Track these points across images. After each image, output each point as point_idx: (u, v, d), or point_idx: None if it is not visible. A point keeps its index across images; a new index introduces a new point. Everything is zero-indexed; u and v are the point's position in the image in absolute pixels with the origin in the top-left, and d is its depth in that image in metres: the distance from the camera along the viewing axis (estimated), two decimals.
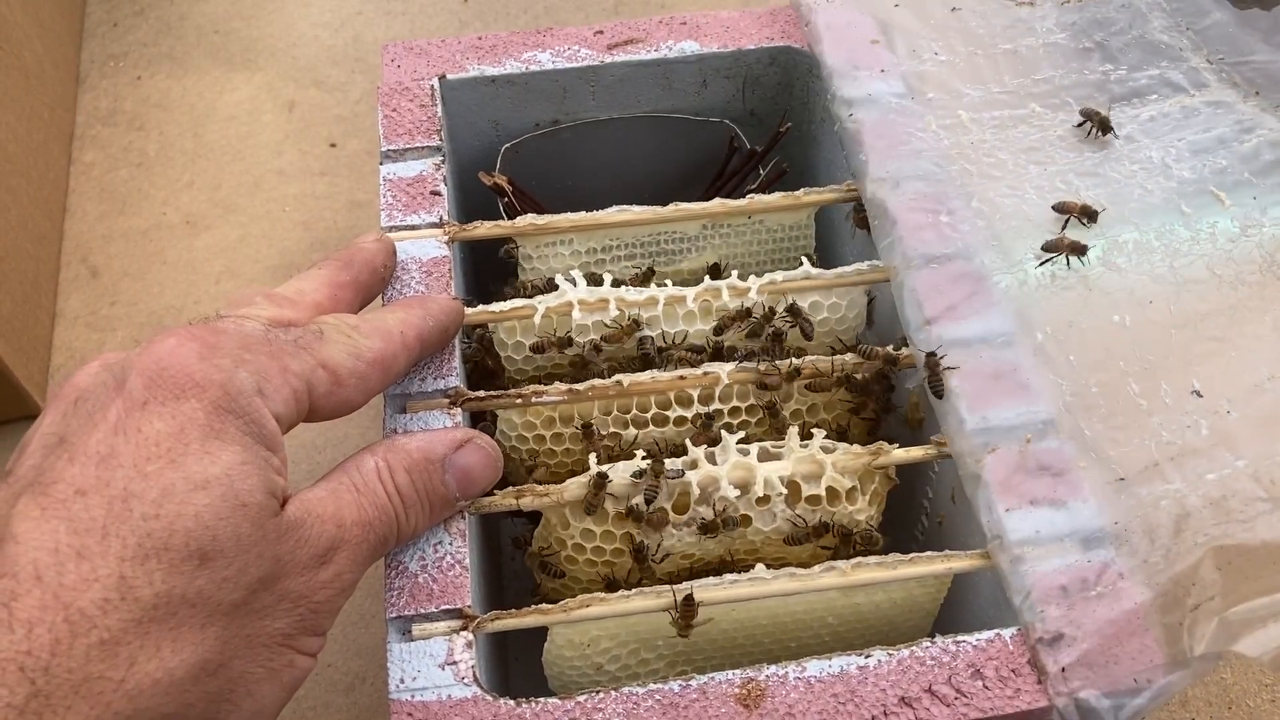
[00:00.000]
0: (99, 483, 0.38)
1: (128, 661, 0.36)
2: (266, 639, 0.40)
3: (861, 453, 0.52)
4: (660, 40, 0.69)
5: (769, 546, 0.53)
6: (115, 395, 0.40)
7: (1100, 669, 0.44)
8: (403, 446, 0.47)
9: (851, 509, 0.52)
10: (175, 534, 0.37)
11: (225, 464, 0.39)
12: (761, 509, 0.52)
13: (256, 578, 0.40)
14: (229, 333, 0.43)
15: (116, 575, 0.36)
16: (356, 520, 0.43)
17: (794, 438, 0.53)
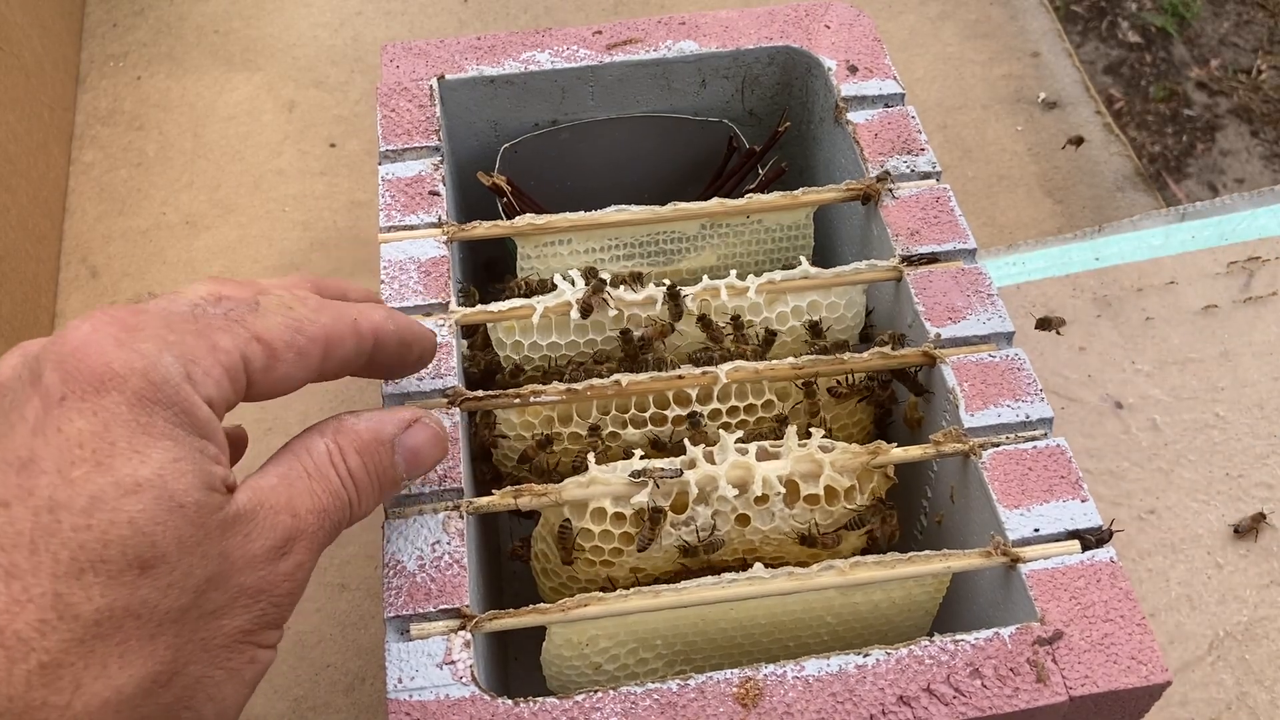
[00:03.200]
0: (21, 492, 0.35)
1: (72, 685, 0.34)
2: (224, 639, 0.38)
3: (860, 452, 0.52)
4: (659, 40, 0.69)
5: (767, 546, 0.53)
6: (32, 392, 0.37)
7: (1099, 667, 0.44)
8: (352, 427, 0.44)
9: (850, 508, 0.52)
10: (110, 544, 0.35)
11: (156, 463, 0.36)
12: (760, 508, 0.52)
13: (204, 578, 0.37)
14: (150, 312, 0.39)
15: (51, 593, 0.34)
16: (311, 508, 0.41)
17: (792, 437, 0.53)
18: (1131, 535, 0.73)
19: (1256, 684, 0.67)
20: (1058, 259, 0.90)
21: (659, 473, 0.51)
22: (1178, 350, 0.83)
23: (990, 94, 0.99)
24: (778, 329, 0.59)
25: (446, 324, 0.56)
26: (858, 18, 0.70)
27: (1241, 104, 2.03)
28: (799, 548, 0.53)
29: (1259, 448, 0.78)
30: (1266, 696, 0.67)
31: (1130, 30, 2.20)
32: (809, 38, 0.69)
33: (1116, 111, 2.05)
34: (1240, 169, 1.14)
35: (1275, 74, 2.10)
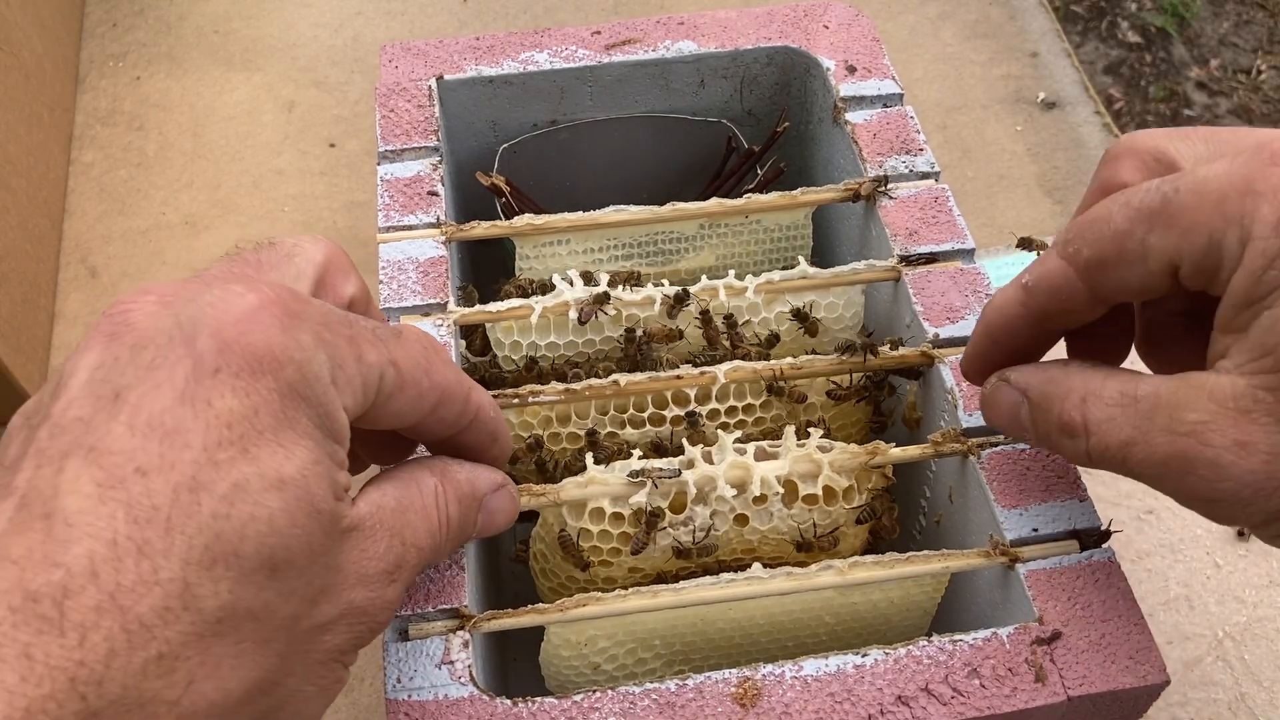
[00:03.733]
0: (163, 464, 0.32)
1: (185, 681, 0.32)
2: (323, 654, 0.37)
3: (858, 452, 0.52)
4: (658, 40, 0.69)
5: (765, 545, 0.53)
6: (184, 353, 0.34)
7: (1097, 668, 0.44)
8: (454, 475, 0.43)
9: (848, 508, 0.52)
10: (246, 539, 0.33)
11: (300, 462, 0.34)
12: (758, 508, 0.52)
13: (320, 589, 0.36)
14: (312, 304, 0.37)
15: (180, 580, 0.31)
16: (415, 542, 0.40)
17: (790, 437, 0.53)
18: (1130, 535, 0.73)
19: (1256, 684, 0.67)
20: None
21: (657, 473, 0.51)
22: None
23: (990, 94, 0.99)
24: (778, 330, 0.59)
25: (445, 324, 0.56)
26: (856, 18, 0.70)
27: (1241, 104, 2.04)
28: (795, 547, 0.53)
29: None
30: (1265, 696, 0.67)
31: (1130, 30, 2.20)
32: (808, 38, 0.69)
33: (1116, 112, 2.05)
34: None
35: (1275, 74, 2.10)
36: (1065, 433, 0.43)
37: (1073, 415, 0.42)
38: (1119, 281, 0.42)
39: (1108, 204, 0.41)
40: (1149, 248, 0.40)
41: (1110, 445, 0.41)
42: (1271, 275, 0.36)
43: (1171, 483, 0.39)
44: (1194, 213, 0.38)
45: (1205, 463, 0.37)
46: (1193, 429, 0.38)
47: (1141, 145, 0.43)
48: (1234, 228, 0.37)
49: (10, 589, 0.30)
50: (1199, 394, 0.38)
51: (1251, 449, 0.37)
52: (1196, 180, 0.38)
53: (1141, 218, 0.40)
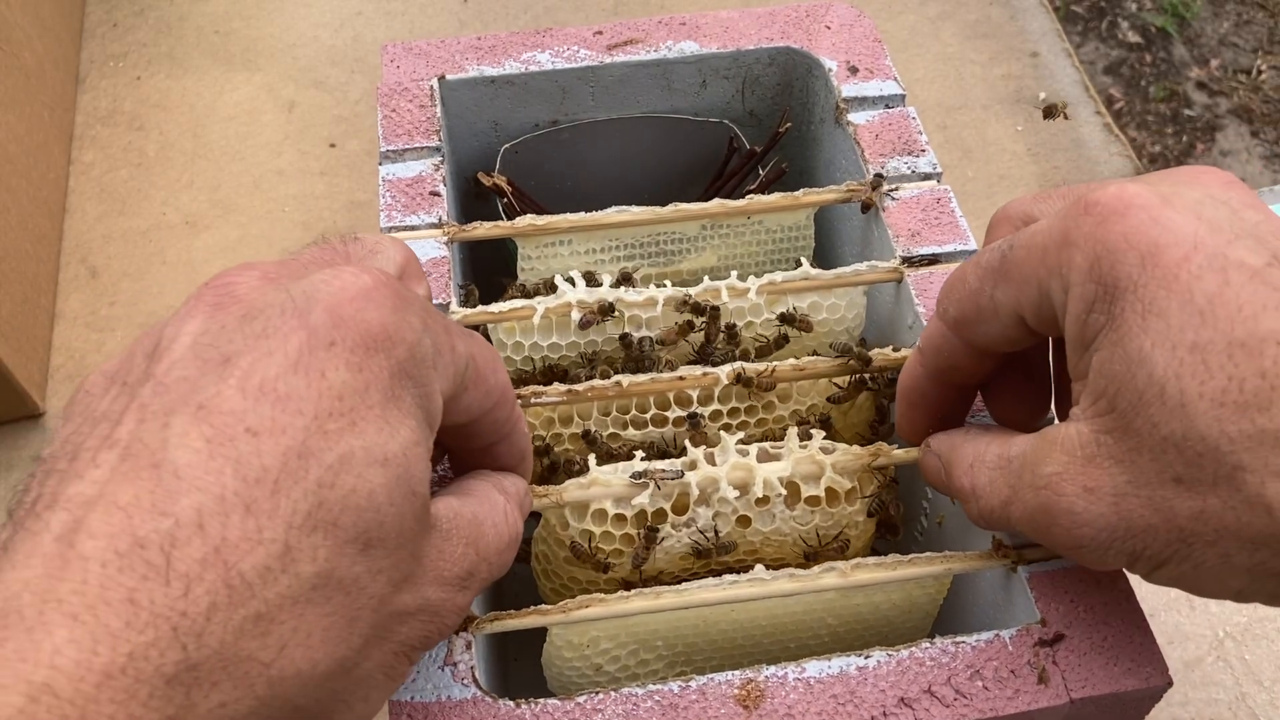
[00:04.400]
0: (274, 427, 0.32)
1: (279, 644, 0.31)
2: (396, 645, 0.36)
3: (861, 454, 0.52)
4: (660, 41, 0.69)
5: (768, 547, 0.53)
6: (297, 324, 0.34)
7: (1100, 670, 0.44)
8: (510, 488, 0.44)
9: (850, 510, 0.52)
10: (347, 510, 0.33)
11: (403, 441, 0.34)
12: (761, 510, 0.52)
13: (403, 576, 0.35)
14: (415, 294, 0.38)
15: (283, 542, 0.31)
16: (487, 556, 0.40)
17: (793, 438, 0.53)
18: None
19: (1256, 684, 0.67)
20: None
21: (660, 474, 0.51)
22: None
23: (990, 94, 0.99)
24: (786, 331, 0.59)
25: None
26: (858, 18, 0.70)
27: (1241, 104, 2.04)
28: (799, 549, 0.53)
29: None
30: (1266, 697, 0.67)
31: (1130, 30, 2.20)
32: (809, 38, 0.69)
33: (1116, 112, 2.05)
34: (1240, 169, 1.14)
35: (1275, 74, 2.10)
36: (963, 497, 0.45)
37: (963, 481, 0.45)
38: (984, 336, 0.44)
39: (964, 266, 0.45)
40: (997, 302, 0.42)
41: (994, 507, 0.43)
42: (1093, 319, 0.38)
43: (1043, 535, 0.41)
44: (1024, 267, 0.41)
45: (1062, 512, 0.39)
46: (1049, 481, 0.39)
47: (1014, 212, 0.46)
48: (1056, 278, 0.39)
49: (118, 533, 0.30)
50: (1053, 446, 0.40)
51: (1098, 493, 0.38)
52: (1026, 236, 0.41)
53: (988, 275, 0.43)
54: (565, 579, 0.54)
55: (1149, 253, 0.37)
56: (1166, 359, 0.36)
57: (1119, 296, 0.37)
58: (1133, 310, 0.37)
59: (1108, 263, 0.37)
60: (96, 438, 0.32)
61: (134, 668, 0.29)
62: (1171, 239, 0.37)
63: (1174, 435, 0.36)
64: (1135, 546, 0.38)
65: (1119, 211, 0.38)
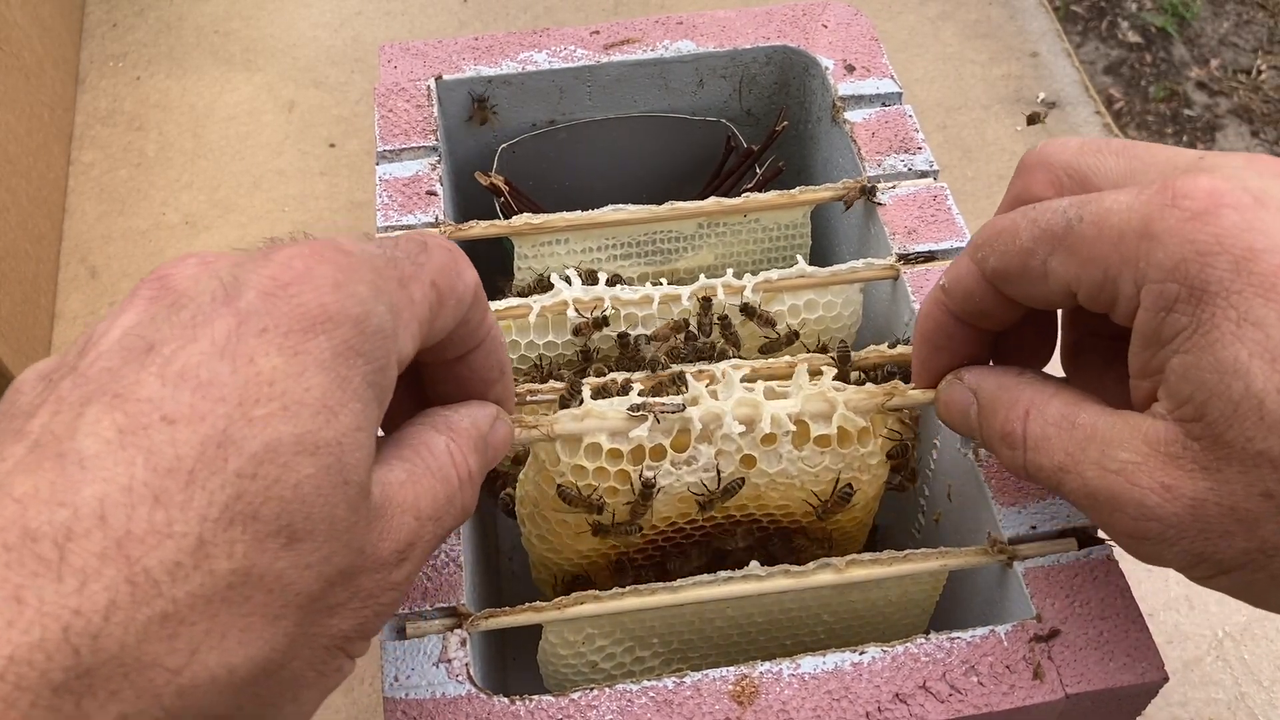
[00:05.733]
0: (193, 414, 0.30)
1: (189, 648, 0.29)
2: (329, 640, 0.34)
3: (875, 392, 0.49)
4: (657, 40, 0.69)
5: (773, 492, 0.50)
6: (225, 309, 0.32)
7: (1095, 665, 0.44)
8: (459, 424, 0.40)
9: (863, 451, 0.50)
10: (269, 503, 0.30)
11: (341, 427, 0.32)
12: (767, 449, 0.49)
13: (337, 570, 0.33)
14: (357, 255, 0.35)
15: (195, 536, 0.29)
16: (430, 514, 0.37)
17: (802, 374, 0.50)
18: None
19: (1255, 684, 0.67)
20: None
21: (660, 407, 0.47)
22: None
23: (990, 94, 0.99)
24: (794, 326, 0.58)
25: None
26: (855, 17, 0.70)
27: (1241, 104, 2.04)
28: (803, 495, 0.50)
29: None
30: (1265, 697, 0.67)
31: (1130, 30, 2.20)
32: (806, 37, 0.69)
33: (1116, 112, 2.05)
34: None
35: (1275, 74, 2.10)
36: (1005, 442, 0.43)
37: (1014, 427, 0.42)
38: (1020, 293, 0.42)
39: (1017, 217, 0.42)
40: (1049, 269, 0.40)
41: (1044, 466, 0.41)
42: (1173, 319, 0.37)
43: (1099, 515, 0.40)
44: (1093, 245, 0.38)
45: (1132, 502, 0.38)
46: (1122, 467, 0.38)
47: (1055, 159, 0.43)
48: (1129, 268, 0.37)
49: (7, 526, 0.28)
50: (1134, 434, 0.38)
51: (1176, 493, 0.37)
52: (1100, 211, 0.38)
53: (1045, 239, 0.40)
54: (553, 523, 0.52)
55: (1243, 258, 0.35)
56: (1266, 373, 0.34)
57: (1208, 301, 0.35)
58: (1225, 317, 0.35)
59: (1196, 264, 0.35)
60: (10, 432, 0.31)
61: (15, 672, 0.26)
62: (1267, 244, 0.35)
63: (1270, 452, 0.34)
64: (1204, 550, 0.37)
65: (1210, 210, 0.36)
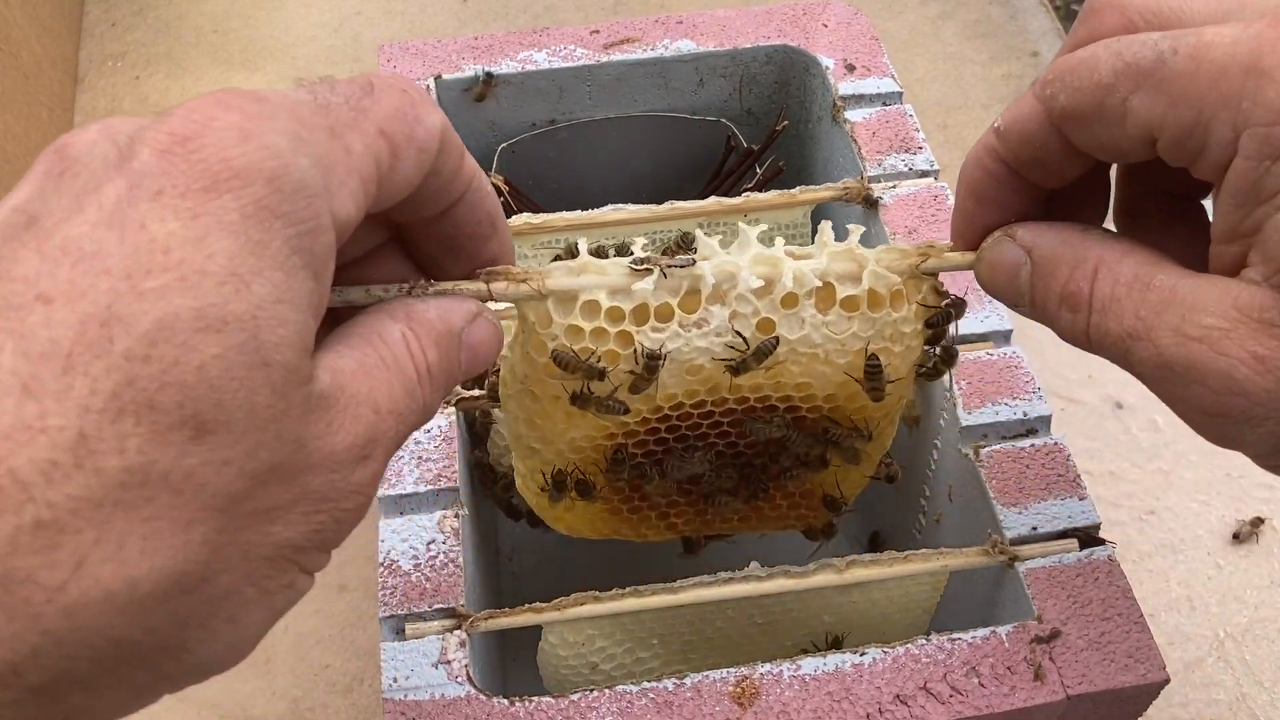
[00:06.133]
0: (71, 291, 0.26)
1: (73, 561, 0.25)
2: (270, 550, 0.30)
3: (909, 251, 0.43)
4: (656, 40, 0.69)
5: (794, 365, 0.45)
6: (117, 174, 0.28)
7: (1096, 666, 0.44)
8: (424, 315, 0.36)
9: (896, 316, 0.44)
10: (167, 389, 0.26)
11: (255, 299, 0.28)
12: (788, 312, 0.43)
13: (268, 466, 0.29)
14: (273, 101, 0.30)
15: (75, 430, 0.25)
16: (390, 408, 0.33)
17: (826, 232, 0.44)
18: (1131, 536, 0.73)
19: (1257, 685, 0.67)
20: None
21: (667, 262, 0.42)
22: None
23: (990, 94, 0.99)
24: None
25: None
26: (855, 16, 0.70)
27: None
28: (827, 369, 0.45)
29: None
30: (1267, 698, 0.67)
31: None
32: (806, 36, 0.69)
33: None
34: None
35: None
36: (1067, 304, 0.38)
37: (1080, 286, 0.37)
38: (1092, 139, 0.37)
39: (1097, 49, 0.36)
40: (1130, 109, 0.35)
41: (1111, 331, 0.36)
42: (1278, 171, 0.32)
43: (1172, 389, 0.35)
44: (1187, 82, 0.33)
45: (1215, 373, 0.34)
46: (1206, 334, 0.34)
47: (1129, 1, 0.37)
48: (1228, 109, 0.33)
49: None
50: (1222, 299, 0.34)
51: (1268, 364, 0.33)
52: (1199, 44, 0.33)
53: (1130, 74, 0.35)
54: (544, 400, 0.45)
55: None
56: None
57: None
58: None
59: None
60: None
61: None
62: None
63: None
64: None
65: None
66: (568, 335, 0.42)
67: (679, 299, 0.42)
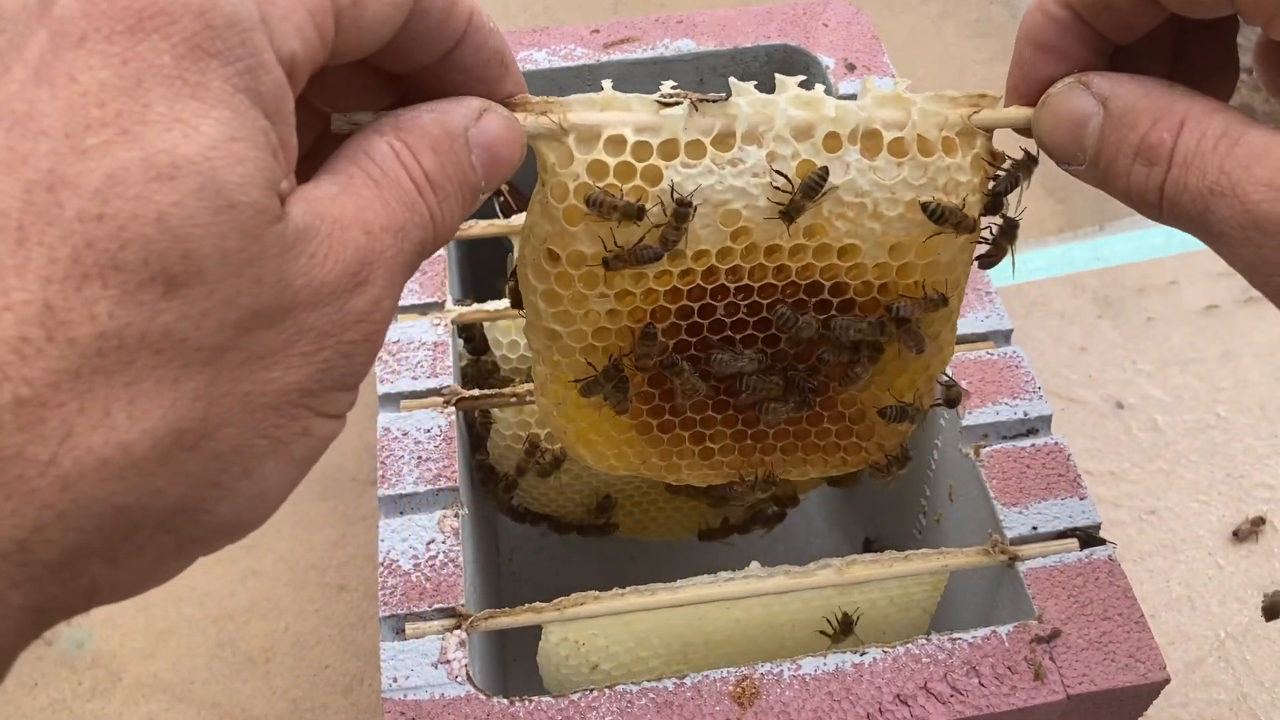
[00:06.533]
0: (12, 158, 0.25)
1: (60, 433, 0.25)
2: (273, 398, 0.29)
3: (960, 101, 0.40)
4: (657, 39, 0.69)
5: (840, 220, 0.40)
6: (38, 25, 0.27)
7: (1097, 666, 0.44)
8: (414, 121, 0.33)
9: (951, 161, 0.40)
10: (128, 245, 0.25)
11: (206, 140, 0.26)
12: (831, 156, 0.39)
13: (251, 311, 0.28)
14: None
15: (40, 303, 0.25)
16: (386, 225, 0.31)
17: (870, 79, 0.41)
18: (1132, 536, 0.73)
19: (1257, 685, 0.67)
20: (1059, 258, 0.90)
21: (698, 96, 0.39)
22: (1179, 350, 0.83)
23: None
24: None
25: (443, 323, 0.56)
26: (855, 16, 0.70)
27: (1244, 103, 2.03)
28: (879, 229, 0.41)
29: (1260, 448, 0.78)
30: (1267, 698, 0.67)
31: None
32: (807, 36, 0.69)
33: None
34: None
35: None
36: (1143, 157, 0.35)
37: (1163, 137, 0.35)
38: None
39: None
40: None
41: (1191, 186, 0.34)
42: None
43: (1256, 251, 0.32)
44: None
45: None
46: None
47: None
48: None
49: None
50: None
51: None
52: None
53: None
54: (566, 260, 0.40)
55: None
56: None
57: None
58: None
59: None
60: None
61: None
62: None
63: None
64: None
65: None
66: (590, 172, 0.38)
67: (711, 138, 0.39)
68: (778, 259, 0.41)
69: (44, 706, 0.67)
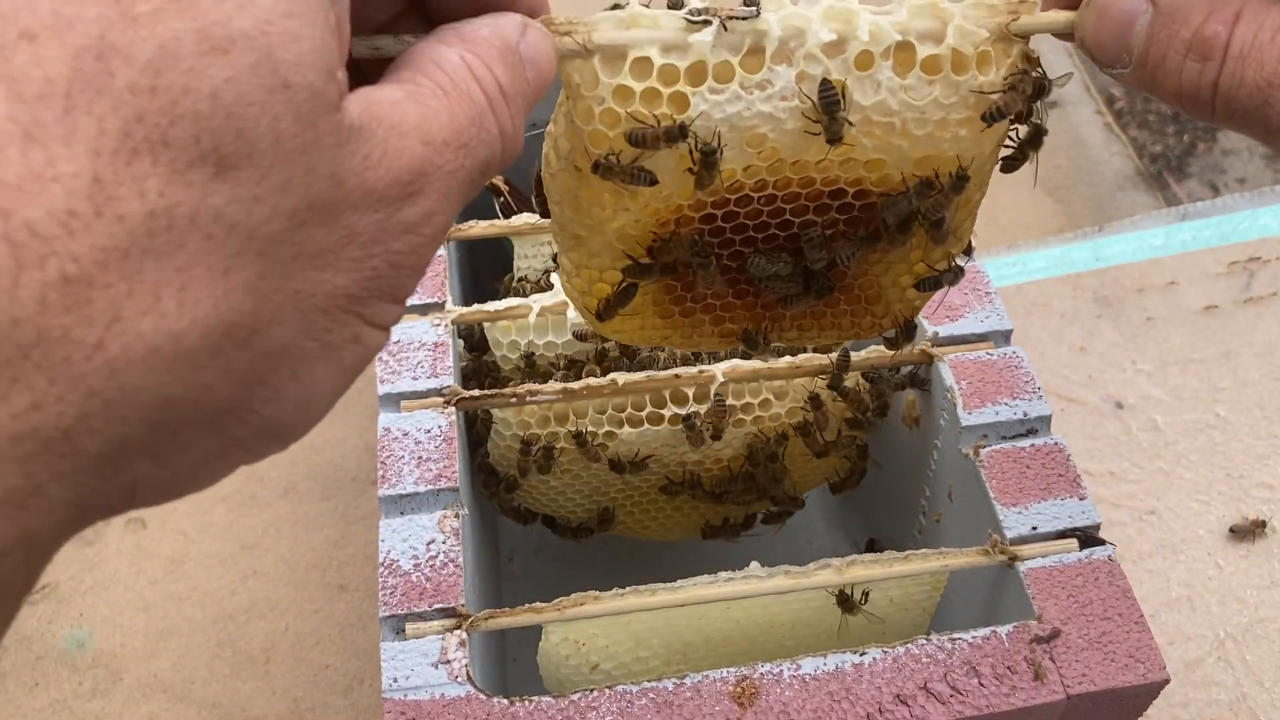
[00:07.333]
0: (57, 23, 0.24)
1: (108, 316, 0.23)
2: (324, 299, 0.28)
3: (998, 7, 0.38)
4: None
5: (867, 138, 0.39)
6: None
7: (1097, 665, 0.44)
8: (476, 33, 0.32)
9: (983, 79, 0.39)
10: (180, 121, 0.24)
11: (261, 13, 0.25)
12: (862, 75, 0.38)
13: (305, 201, 0.26)
14: None
15: (89, 175, 0.23)
16: (449, 138, 0.30)
17: None
18: (1132, 536, 0.73)
19: (1257, 685, 0.67)
20: (1058, 259, 0.90)
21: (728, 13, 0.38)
22: (1178, 350, 0.83)
23: None
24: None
25: (443, 323, 0.56)
26: None
27: None
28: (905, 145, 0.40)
29: (1260, 448, 0.78)
30: (1267, 697, 0.67)
31: None
32: None
33: (1117, 111, 2.05)
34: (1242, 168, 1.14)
35: None
36: (1196, 52, 0.34)
37: (1217, 30, 0.33)
38: None
39: None
40: None
41: (1249, 80, 0.33)
42: None
43: None
44: None
45: None
46: None
47: None
48: None
49: None
50: None
51: None
52: None
53: None
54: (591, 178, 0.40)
55: None
56: None
57: None
58: None
59: None
60: None
61: None
62: None
63: None
64: None
65: None
66: (615, 98, 0.37)
67: (740, 57, 0.38)
68: (802, 171, 0.40)
69: (44, 706, 0.67)
